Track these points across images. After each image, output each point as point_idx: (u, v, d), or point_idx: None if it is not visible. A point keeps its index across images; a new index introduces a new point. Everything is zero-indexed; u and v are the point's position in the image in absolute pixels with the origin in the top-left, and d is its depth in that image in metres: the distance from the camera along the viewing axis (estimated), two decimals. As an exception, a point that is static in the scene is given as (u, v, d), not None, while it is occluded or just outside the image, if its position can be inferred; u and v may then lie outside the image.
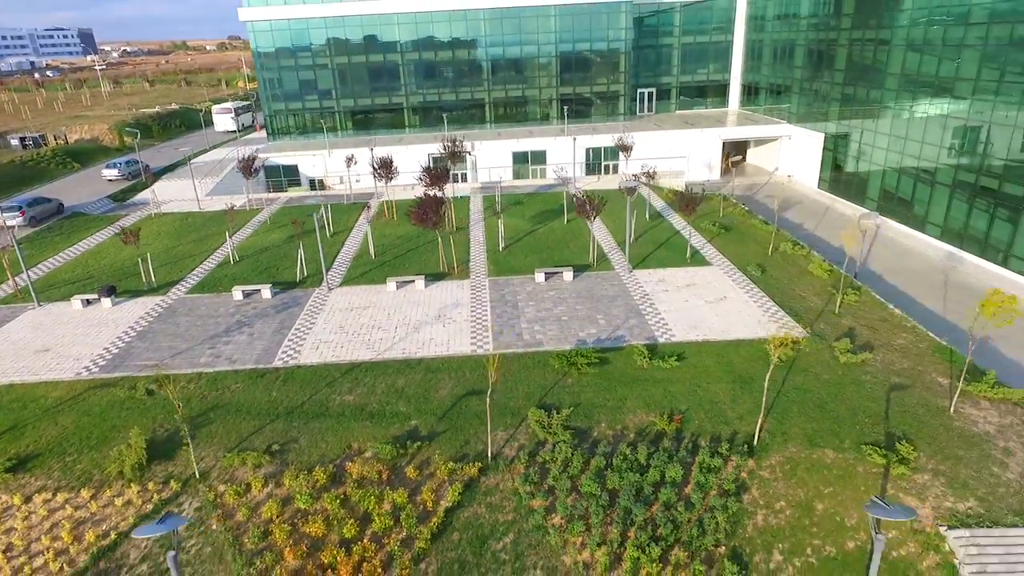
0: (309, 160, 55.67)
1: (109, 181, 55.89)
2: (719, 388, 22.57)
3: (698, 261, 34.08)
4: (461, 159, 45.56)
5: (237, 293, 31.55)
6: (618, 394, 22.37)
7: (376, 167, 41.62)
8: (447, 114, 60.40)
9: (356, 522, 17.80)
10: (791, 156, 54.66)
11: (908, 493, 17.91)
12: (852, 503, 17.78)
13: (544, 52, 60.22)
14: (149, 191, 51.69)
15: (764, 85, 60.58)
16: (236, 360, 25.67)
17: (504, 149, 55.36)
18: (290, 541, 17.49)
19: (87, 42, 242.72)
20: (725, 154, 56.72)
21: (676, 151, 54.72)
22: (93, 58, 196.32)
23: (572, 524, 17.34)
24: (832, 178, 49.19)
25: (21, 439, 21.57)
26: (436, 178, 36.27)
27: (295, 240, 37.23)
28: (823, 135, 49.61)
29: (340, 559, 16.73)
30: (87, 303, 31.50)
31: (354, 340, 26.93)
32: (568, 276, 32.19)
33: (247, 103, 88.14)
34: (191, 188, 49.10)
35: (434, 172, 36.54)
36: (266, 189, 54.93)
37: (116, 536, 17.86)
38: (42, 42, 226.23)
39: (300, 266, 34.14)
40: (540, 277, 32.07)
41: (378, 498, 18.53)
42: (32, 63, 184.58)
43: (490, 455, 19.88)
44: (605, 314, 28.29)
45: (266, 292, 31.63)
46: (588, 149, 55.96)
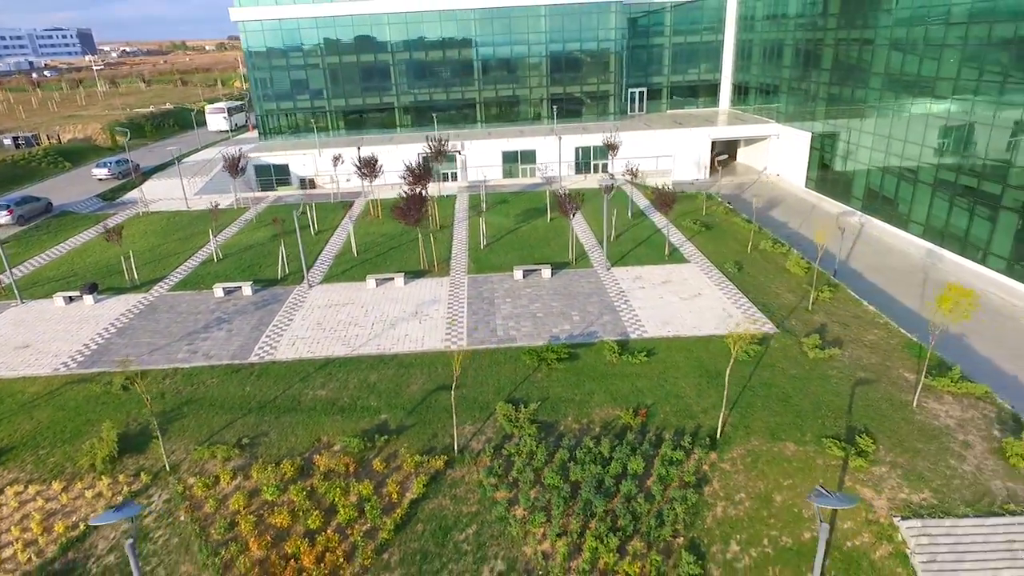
0: (300, 159, 56.06)
1: (99, 180, 56.18)
2: (686, 383, 22.79)
3: (676, 259, 34.30)
4: (449, 158, 45.75)
5: (218, 290, 31.81)
6: (586, 389, 22.60)
7: (359, 166, 41.87)
8: (438, 114, 60.62)
9: (321, 514, 18.06)
10: (779, 155, 54.89)
11: (864, 485, 18.13)
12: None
13: (535, 52, 60.45)
14: (138, 190, 51.97)
15: (754, 85, 60.80)
16: (212, 356, 25.93)
17: (494, 149, 55.60)
18: (255, 532, 17.77)
19: (86, 42, 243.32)
20: (714, 153, 56.98)
21: (665, 150, 54.94)
22: (91, 58, 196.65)
23: (534, 515, 17.57)
24: (819, 177, 49.43)
25: (-4, 433, 21.82)
26: (418, 177, 36.56)
27: (279, 239, 37.49)
28: (810, 134, 49.85)
29: (304, 549, 17.01)
30: (69, 300, 31.77)
31: (330, 336, 27.18)
32: (546, 273, 32.42)
33: (240, 103, 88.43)
34: (180, 187, 49.40)
35: (416, 171, 36.84)
36: (256, 188, 55.21)
37: (85, 527, 18.15)
38: (41, 42, 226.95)
39: (282, 264, 34.42)
40: (519, 274, 32.31)
41: (344, 490, 18.79)
42: (31, 63, 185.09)
43: (456, 448, 20.13)
44: (580, 311, 28.51)
45: (247, 289, 31.88)
46: (578, 148, 56.22)
